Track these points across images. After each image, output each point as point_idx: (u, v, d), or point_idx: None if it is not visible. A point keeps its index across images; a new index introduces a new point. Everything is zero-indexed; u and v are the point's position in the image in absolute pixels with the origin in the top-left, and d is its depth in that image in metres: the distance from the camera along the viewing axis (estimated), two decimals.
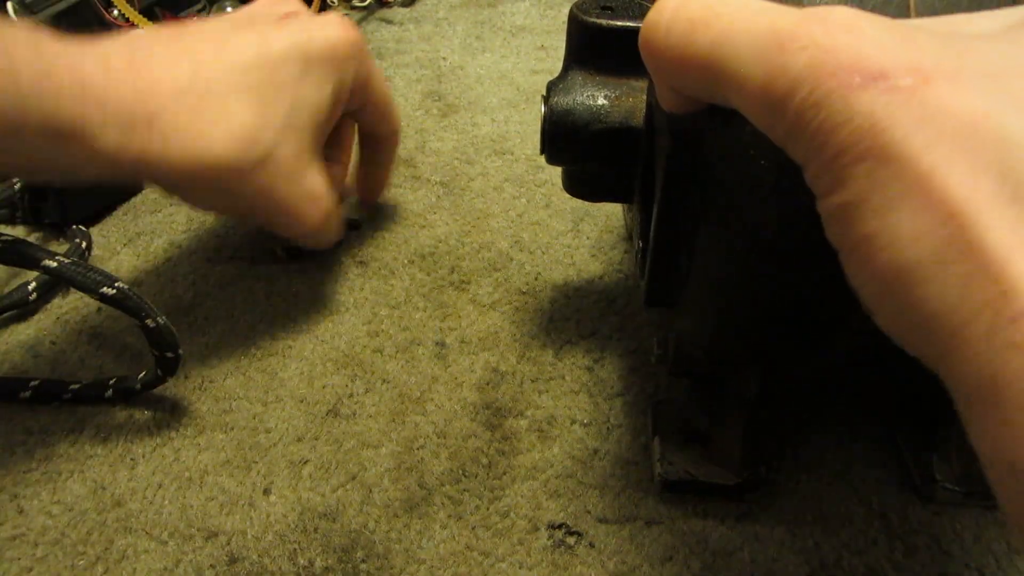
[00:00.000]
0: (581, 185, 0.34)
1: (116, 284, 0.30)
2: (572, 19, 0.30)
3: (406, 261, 0.40)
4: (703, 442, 0.30)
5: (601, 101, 0.29)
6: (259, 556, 0.28)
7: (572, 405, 0.33)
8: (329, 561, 0.28)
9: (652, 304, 0.28)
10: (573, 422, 0.32)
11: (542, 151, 0.31)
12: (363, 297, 0.39)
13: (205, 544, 0.29)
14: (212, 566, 0.28)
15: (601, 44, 0.29)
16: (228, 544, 0.29)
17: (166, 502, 0.30)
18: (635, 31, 0.28)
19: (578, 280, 0.39)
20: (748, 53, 0.16)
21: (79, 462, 0.31)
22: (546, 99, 0.30)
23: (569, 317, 0.37)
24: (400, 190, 0.45)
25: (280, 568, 0.28)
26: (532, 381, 0.34)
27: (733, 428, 0.29)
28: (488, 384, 0.34)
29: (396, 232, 0.42)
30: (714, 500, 0.29)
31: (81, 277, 0.30)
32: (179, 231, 0.43)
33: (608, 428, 0.32)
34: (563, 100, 0.29)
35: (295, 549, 0.28)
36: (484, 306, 0.38)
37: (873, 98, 0.14)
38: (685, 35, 0.18)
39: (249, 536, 0.29)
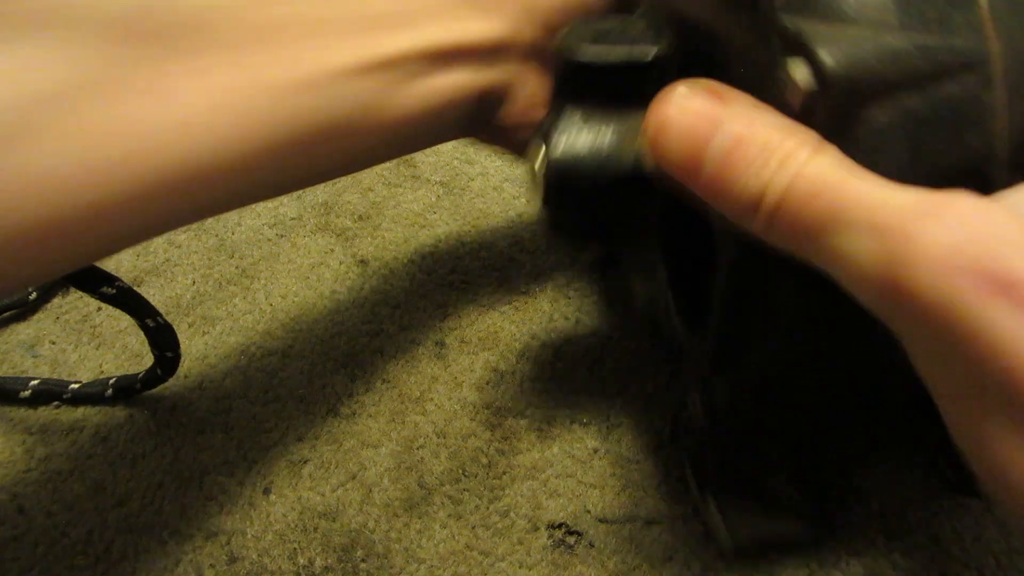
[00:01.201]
0: (575, 230, 0.28)
1: (116, 284, 0.30)
2: (562, 53, 0.26)
3: (406, 261, 0.40)
4: (758, 494, 0.27)
5: (610, 138, 0.25)
6: (259, 556, 0.28)
7: (572, 404, 0.33)
8: (329, 561, 0.28)
9: (719, 371, 0.25)
10: (573, 421, 0.32)
11: (544, 202, 0.26)
12: (363, 297, 0.39)
13: (205, 544, 0.29)
14: (212, 566, 0.28)
15: (600, 77, 0.25)
16: (228, 544, 0.29)
17: (166, 502, 0.30)
18: (636, 63, 0.25)
19: (578, 280, 0.39)
20: (863, 238, 0.15)
21: (79, 462, 0.31)
22: (545, 144, 0.25)
23: (569, 317, 0.37)
24: (400, 190, 0.45)
25: (280, 568, 0.28)
26: (532, 381, 0.34)
27: (790, 471, 0.27)
28: (488, 384, 0.34)
29: (396, 232, 0.42)
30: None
31: (81, 277, 0.30)
32: (179, 231, 0.43)
33: (608, 427, 0.32)
34: (568, 144, 0.25)
35: (295, 549, 0.28)
36: (484, 306, 0.38)
37: (1009, 312, 0.13)
38: (793, 213, 0.16)
39: (249, 536, 0.29)
